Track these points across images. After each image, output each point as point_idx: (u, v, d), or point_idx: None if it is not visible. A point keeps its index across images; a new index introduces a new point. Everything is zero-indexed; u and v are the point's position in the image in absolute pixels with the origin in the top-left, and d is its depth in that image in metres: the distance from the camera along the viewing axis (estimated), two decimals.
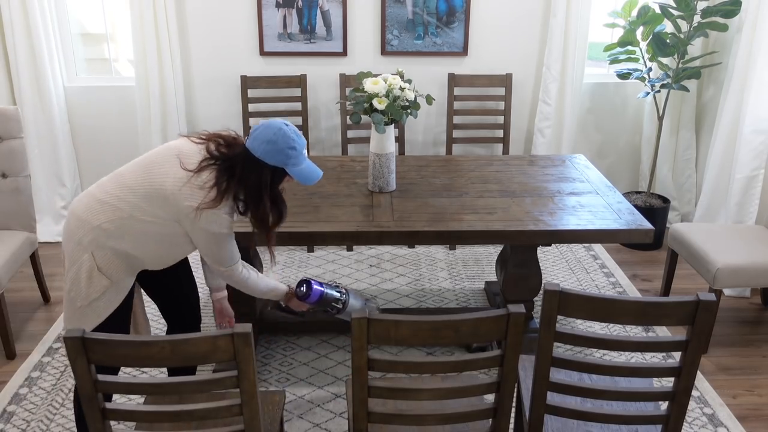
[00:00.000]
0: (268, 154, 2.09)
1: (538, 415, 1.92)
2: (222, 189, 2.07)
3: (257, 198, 2.12)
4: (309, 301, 2.36)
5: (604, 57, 4.19)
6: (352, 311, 2.31)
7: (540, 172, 3.29)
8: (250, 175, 2.10)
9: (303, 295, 2.36)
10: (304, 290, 2.36)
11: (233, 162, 2.10)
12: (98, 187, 2.18)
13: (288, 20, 4.13)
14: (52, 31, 4.05)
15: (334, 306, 2.40)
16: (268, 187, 2.13)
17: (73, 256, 2.14)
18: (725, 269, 3.07)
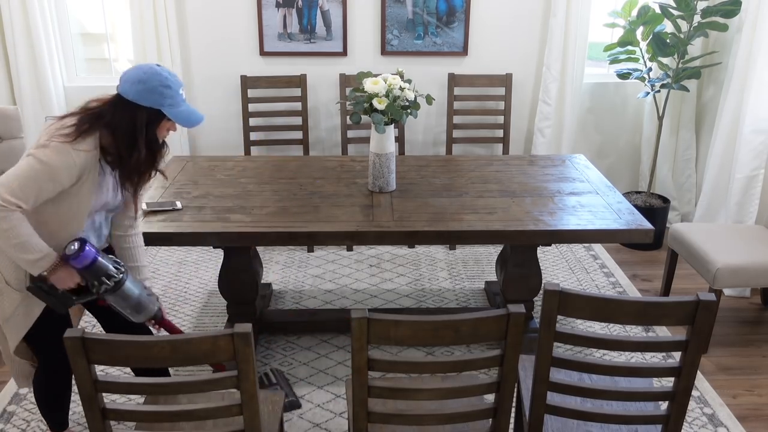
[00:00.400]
0: (141, 95, 1.95)
1: (538, 415, 1.92)
2: (81, 129, 1.93)
3: (131, 142, 1.97)
4: (77, 264, 1.99)
5: (604, 57, 4.19)
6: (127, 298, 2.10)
7: (540, 172, 3.29)
8: (122, 119, 1.96)
9: (72, 254, 1.98)
10: (75, 248, 1.99)
11: (102, 110, 1.98)
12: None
13: (288, 20, 4.13)
14: (52, 31, 4.05)
15: (104, 282, 2.04)
16: (144, 130, 1.97)
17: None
18: (725, 269, 3.07)
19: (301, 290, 3.71)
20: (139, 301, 2.14)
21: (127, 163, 2.01)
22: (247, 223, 2.69)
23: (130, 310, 2.15)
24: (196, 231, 2.63)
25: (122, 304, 2.12)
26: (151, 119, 1.99)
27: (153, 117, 1.99)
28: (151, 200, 2.86)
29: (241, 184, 3.08)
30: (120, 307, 2.13)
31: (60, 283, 2.02)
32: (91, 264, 2.01)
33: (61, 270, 2.01)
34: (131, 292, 2.11)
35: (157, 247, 3.90)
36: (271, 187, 3.04)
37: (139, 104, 1.96)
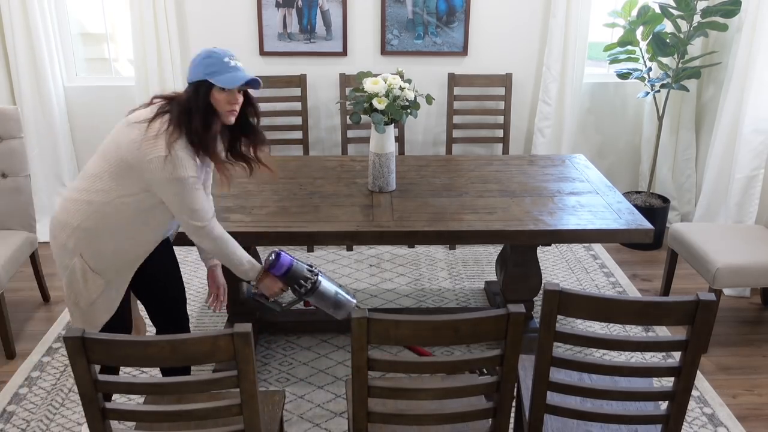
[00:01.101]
0: (193, 73, 2.10)
1: (538, 415, 1.92)
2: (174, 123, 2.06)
3: (188, 113, 2.07)
4: (276, 272, 2.28)
5: (604, 57, 4.19)
6: (326, 297, 2.32)
7: (540, 172, 3.29)
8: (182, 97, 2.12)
9: (270, 265, 2.28)
10: (272, 258, 2.28)
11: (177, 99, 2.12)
12: (70, 188, 2.19)
13: (288, 20, 4.13)
14: (52, 31, 4.05)
15: (302, 284, 2.30)
16: (196, 100, 2.08)
17: (63, 261, 2.16)
18: (725, 269, 3.07)
19: None
20: (337, 299, 2.35)
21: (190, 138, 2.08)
22: (247, 223, 2.69)
23: (332, 308, 2.36)
24: None
25: (323, 303, 2.34)
26: (200, 88, 2.09)
27: (201, 87, 2.09)
28: None
29: (241, 184, 3.08)
30: (322, 306, 2.35)
31: (266, 290, 2.32)
32: (287, 270, 2.29)
33: (265, 279, 2.30)
34: (328, 291, 2.34)
35: None
36: (270, 187, 3.04)
37: (192, 82, 2.11)
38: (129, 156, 2.06)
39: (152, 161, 2.03)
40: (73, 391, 2.89)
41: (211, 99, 2.10)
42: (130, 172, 2.08)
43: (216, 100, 2.11)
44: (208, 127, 2.11)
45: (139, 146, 2.04)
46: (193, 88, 2.10)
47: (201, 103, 2.08)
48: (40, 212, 4.15)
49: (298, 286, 2.31)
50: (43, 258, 3.82)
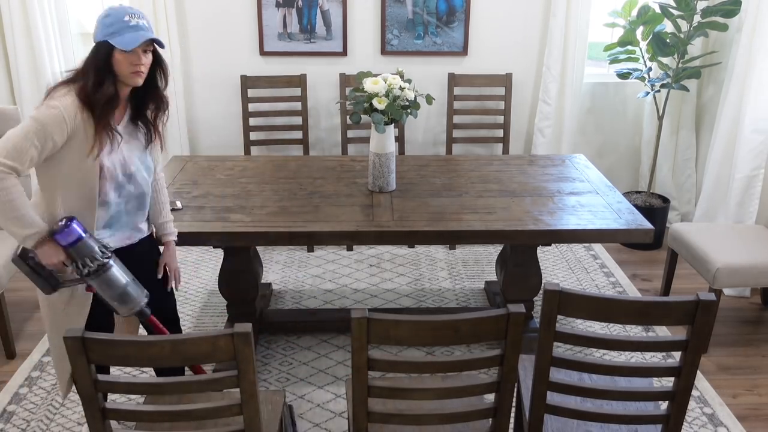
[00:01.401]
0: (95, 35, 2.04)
1: (538, 415, 1.92)
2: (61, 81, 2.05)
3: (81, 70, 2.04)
4: (62, 239, 2.00)
5: (604, 57, 4.19)
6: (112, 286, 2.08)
7: (540, 171, 3.29)
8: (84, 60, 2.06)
9: (59, 229, 2.00)
10: (63, 224, 2.01)
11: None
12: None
13: (288, 20, 4.13)
14: (52, 31, 4.05)
15: (88, 264, 2.03)
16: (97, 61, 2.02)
17: None
18: (725, 269, 3.07)
19: (301, 290, 3.71)
20: (125, 291, 2.11)
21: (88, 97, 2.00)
22: (247, 223, 2.69)
23: (116, 301, 2.12)
24: (196, 231, 2.63)
25: (108, 292, 2.09)
26: (99, 51, 2.02)
27: (101, 49, 2.02)
28: None
29: (241, 184, 3.08)
30: (106, 296, 2.10)
31: (45, 257, 2.02)
32: (75, 241, 2.01)
33: (48, 245, 2.01)
34: (117, 280, 2.09)
35: None
36: (271, 187, 3.04)
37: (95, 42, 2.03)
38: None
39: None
40: (73, 391, 2.89)
41: (113, 60, 2.03)
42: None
43: (117, 62, 2.03)
44: (99, 85, 2.02)
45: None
46: (92, 50, 2.04)
47: (100, 64, 2.02)
48: None
49: (82, 264, 2.03)
50: None
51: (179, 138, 4.24)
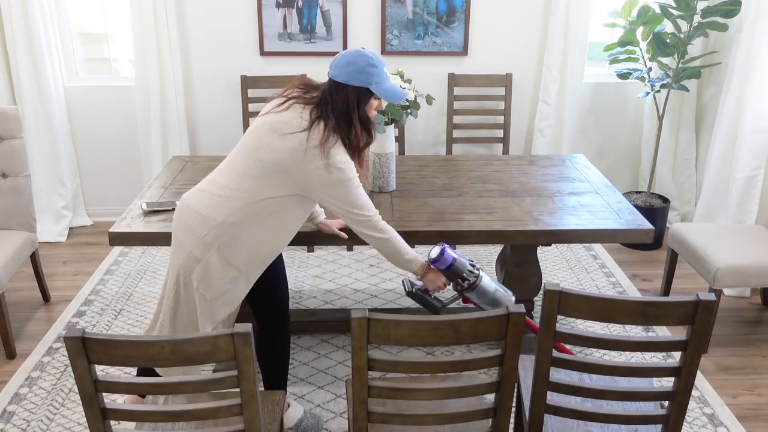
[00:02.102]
0: (351, 76, 2.15)
1: (538, 415, 1.92)
2: (332, 130, 2.15)
3: (348, 121, 2.17)
4: (440, 266, 2.30)
5: (604, 57, 4.19)
6: (486, 294, 2.31)
7: (540, 172, 3.29)
8: (338, 100, 2.16)
9: (434, 259, 2.31)
10: (437, 252, 2.31)
11: (322, 98, 2.18)
12: (210, 183, 2.26)
13: (288, 20, 4.13)
14: (52, 31, 4.05)
15: (465, 279, 2.30)
16: (356, 108, 2.17)
17: (198, 254, 2.20)
18: (725, 269, 3.07)
19: (301, 290, 3.71)
20: (496, 297, 2.33)
21: (347, 141, 2.18)
22: None
23: (490, 305, 2.33)
24: None
25: (482, 300, 2.33)
26: (361, 97, 2.19)
27: (362, 95, 2.19)
28: (151, 200, 2.86)
29: None
30: (481, 302, 2.34)
31: (430, 284, 2.35)
32: (451, 264, 2.29)
33: (429, 273, 2.34)
34: (488, 288, 2.32)
35: (157, 247, 3.90)
36: None
37: (349, 84, 2.16)
38: (289, 162, 2.13)
39: (318, 169, 2.12)
40: (74, 391, 2.89)
41: (367, 106, 2.21)
42: (282, 176, 2.15)
43: (369, 106, 2.22)
44: (369, 134, 2.24)
45: (303, 156, 2.12)
46: (354, 95, 2.17)
47: (362, 114, 2.20)
48: (40, 212, 4.15)
49: (460, 280, 2.31)
50: (44, 258, 3.82)
51: (179, 138, 4.24)
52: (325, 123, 2.15)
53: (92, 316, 3.43)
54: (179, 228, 2.25)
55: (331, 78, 2.19)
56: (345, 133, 2.17)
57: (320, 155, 2.11)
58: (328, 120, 2.15)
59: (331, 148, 2.12)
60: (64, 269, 3.94)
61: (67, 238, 4.32)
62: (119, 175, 4.46)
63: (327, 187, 2.16)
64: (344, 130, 2.17)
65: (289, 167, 2.14)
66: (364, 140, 2.22)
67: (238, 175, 2.19)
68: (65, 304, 3.55)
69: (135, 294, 3.65)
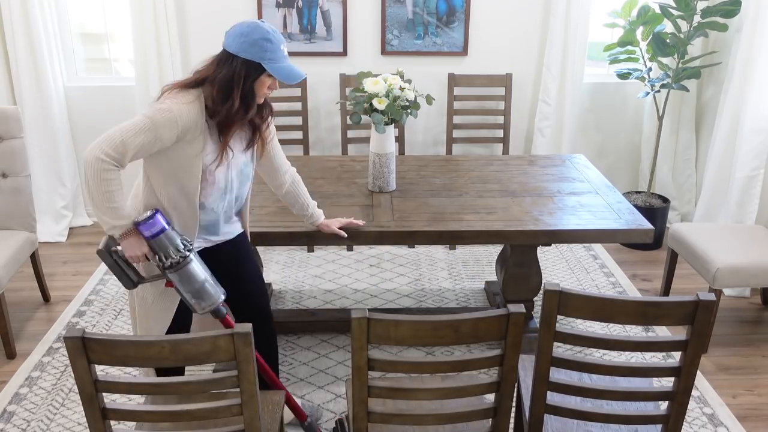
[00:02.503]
0: (242, 48, 2.00)
1: (538, 415, 1.92)
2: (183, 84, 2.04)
3: (227, 92, 2.02)
4: (145, 230, 2.03)
5: (604, 57, 4.19)
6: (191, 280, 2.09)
7: (540, 172, 3.29)
8: (222, 71, 2.02)
9: (143, 220, 2.03)
10: (147, 215, 2.04)
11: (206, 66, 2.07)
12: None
13: (288, 20, 4.13)
14: (52, 31, 4.05)
15: (169, 256, 2.05)
16: (241, 81, 2.02)
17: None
18: (725, 269, 3.07)
19: (301, 290, 3.71)
20: (203, 287, 2.11)
21: (220, 113, 2.04)
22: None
23: (194, 296, 2.12)
24: None
25: (186, 287, 2.10)
26: (250, 72, 2.03)
27: (252, 70, 2.03)
28: None
29: None
30: (184, 291, 2.11)
31: (129, 249, 2.04)
32: (158, 233, 2.04)
33: (132, 237, 2.03)
34: (196, 274, 2.10)
35: None
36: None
37: (239, 56, 2.01)
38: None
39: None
40: (74, 391, 2.89)
41: (257, 82, 2.06)
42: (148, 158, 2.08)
43: (260, 83, 2.07)
44: (246, 111, 2.07)
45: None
46: (243, 69, 2.02)
47: (246, 84, 2.03)
48: (40, 212, 4.15)
49: (165, 256, 2.05)
50: (44, 258, 3.82)
51: None
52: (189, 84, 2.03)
53: (92, 316, 3.43)
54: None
55: (224, 47, 2.05)
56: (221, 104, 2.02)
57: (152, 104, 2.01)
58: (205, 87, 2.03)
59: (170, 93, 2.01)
60: (64, 269, 3.94)
61: (67, 238, 4.32)
62: None
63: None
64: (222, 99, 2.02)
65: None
66: (238, 117, 2.06)
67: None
68: (65, 304, 3.55)
69: None
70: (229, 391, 2.10)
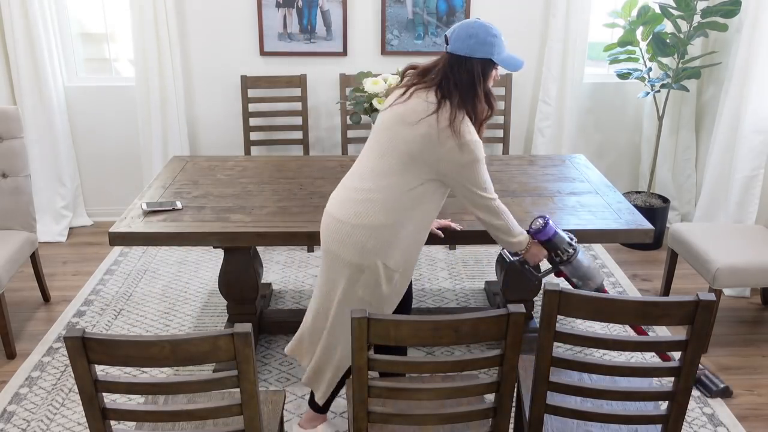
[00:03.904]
0: (473, 48, 2.12)
1: (538, 415, 1.92)
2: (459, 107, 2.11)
3: (473, 94, 2.14)
4: (542, 237, 2.33)
5: (604, 57, 4.19)
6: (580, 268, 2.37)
7: (540, 172, 3.29)
8: (461, 75, 2.13)
9: (537, 230, 2.33)
10: (540, 223, 2.33)
11: (444, 73, 2.14)
12: (351, 190, 2.24)
13: (288, 20, 4.13)
14: (52, 31, 4.05)
15: (564, 251, 2.35)
16: (481, 80, 2.15)
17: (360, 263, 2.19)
18: (725, 269, 3.07)
19: (301, 290, 3.71)
20: (589, 270, 2.37)
21: (473, 116, 2.15)
22: (247, 223, 2.69)
23: (580, 279, 2.39)
24: (196, 231, 2.63)
25: (577, 273, 2.38)
26: (486, 68, 2.16)
27: (486, 66, 2.16)
28: (151, 200, 2.86)
29: (241, 184, 3.08)
30: (575, 276, 2.39)
31: (532, 258, 2.36)
32: (552, 236, 2.33)
33: (533, 246, 2.34)
34: (582, 262, 2.36)
35: (157, 247, 3.90)
36: (271, 187, 3.04)
37: (473, 57, 2.13)
38: (422, 148, 2.11)
39: (451, 150, 2.09)
40: (74, 391, 2.89)
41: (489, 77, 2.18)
42: (419, 164, 2.13)
43: (489, 77, 2.20)
44: (492, 108, 2.21)
45: (436, 139, 2.09)
46: (479, 67, 2.14)
47: (485, 86, 2.17)
48: (40, 212, 4.15)
49: (556, 255, 2.36)
50: (44, 258, 3.82)
51: (179, 138, 4.24)
52: (450, 101, 2.11)
53: (92, 316, 3.43)
54: (334, 243, 2.24)
55: (451, 52, 2.14)
56: (471, 108, 2.14)
57: (452, 135, 2.08)
58: (452, 97, 2.12)
59: (460, 126, 2.09)
60: (64, 269, 3.94)
61: (67, 238, 4.32)
62: (119, 175, 4.46)
63: (459, 168, 2.13)
64: (470, 104, 2.14)
65: (424, 153, 2.11)
66: (486, 113, 2.20)
67: (378, 175, 2.17)
68: (65, 304, 3.55)
69: (135, 294, 3.66)
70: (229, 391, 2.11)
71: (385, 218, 2.16)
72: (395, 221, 2.17)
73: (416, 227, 2.23)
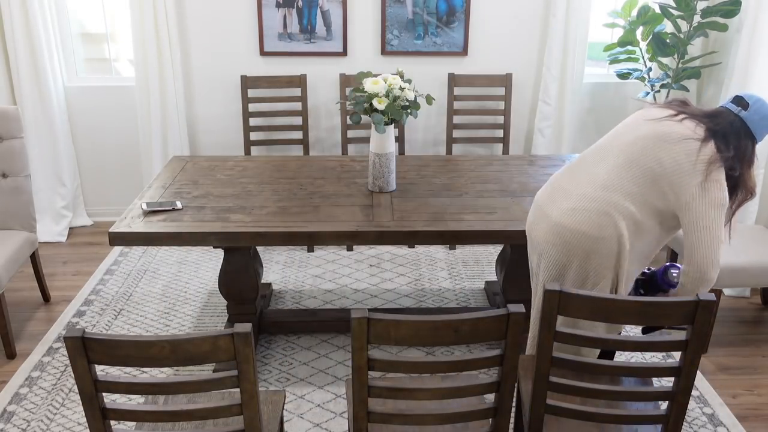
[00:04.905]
0: (763, 131, 2.09)
1: (538, 415, 1.92)
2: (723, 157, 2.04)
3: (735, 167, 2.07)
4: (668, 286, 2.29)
5: (604, 57, 4.19)
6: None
7: (540, 172, 3.29)
8: (742, 146, 2.07)
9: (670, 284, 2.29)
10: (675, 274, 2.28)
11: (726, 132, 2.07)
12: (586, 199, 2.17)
13: (288, 20, 4.13)
14: (52, 31, 4.05)
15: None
16: (751, 160, 2.09)
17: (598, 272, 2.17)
18: (725, 269, 3.06)
19: (301, 290, 3.71)
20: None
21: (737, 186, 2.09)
22: (247, 223, 2.69)
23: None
24: (196, 231, 2.63)
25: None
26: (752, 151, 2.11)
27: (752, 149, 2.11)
28: (151, 200, 2.86)
29: (241, 184, 3.08)
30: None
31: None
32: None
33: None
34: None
35: (157, 247, 3.90)
36: (271, 187, 3.04)
37: (755, 136, 2.10)
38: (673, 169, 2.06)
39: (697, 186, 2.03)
40: (74, 391, 2.89)
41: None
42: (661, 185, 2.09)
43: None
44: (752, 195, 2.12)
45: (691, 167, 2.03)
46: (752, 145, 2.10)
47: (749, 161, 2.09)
48: (40, 212, 4.15)
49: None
50: (44, 258, 3.82)
51: (179, 138, 4.24)
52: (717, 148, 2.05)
53: (92, 316, 3.44)
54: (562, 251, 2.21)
55: (744, 119, 2.10)
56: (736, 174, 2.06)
57: (704, 172, 2.02)
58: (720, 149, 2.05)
59: (716, 170, 2.03)
60: (64, 269, 3.94)
61: (67, 238, 4.32)
62: (119, 175, 4.46)
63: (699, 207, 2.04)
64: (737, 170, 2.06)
65: (671, 175, 2.06)
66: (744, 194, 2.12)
67: (620, 187, 2.12)
68: (65, 304, 3.55)
69: (135, 294, 3.66)
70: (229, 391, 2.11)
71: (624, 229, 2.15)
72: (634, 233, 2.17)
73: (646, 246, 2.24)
